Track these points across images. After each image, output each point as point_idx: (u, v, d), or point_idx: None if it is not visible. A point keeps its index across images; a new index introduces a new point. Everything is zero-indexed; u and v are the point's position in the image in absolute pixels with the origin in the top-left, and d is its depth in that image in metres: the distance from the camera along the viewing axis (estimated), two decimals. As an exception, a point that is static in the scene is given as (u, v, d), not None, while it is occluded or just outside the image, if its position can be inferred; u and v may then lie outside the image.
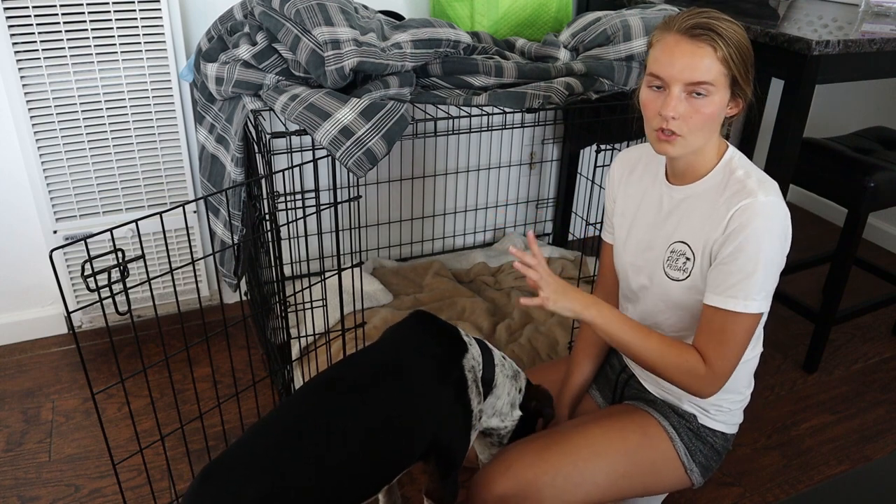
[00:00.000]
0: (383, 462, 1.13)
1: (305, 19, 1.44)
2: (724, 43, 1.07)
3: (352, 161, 1.37)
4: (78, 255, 1.96)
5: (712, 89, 1.09)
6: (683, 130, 1.12)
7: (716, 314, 1.14)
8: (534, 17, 1.97)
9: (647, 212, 1.30)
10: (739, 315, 1.12)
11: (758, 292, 1.11)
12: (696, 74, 1.08)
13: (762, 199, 1.11)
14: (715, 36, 1.07)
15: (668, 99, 1.11)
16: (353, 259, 2.39)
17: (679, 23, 1.10)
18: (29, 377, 1.99)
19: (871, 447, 1.83)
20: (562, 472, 1.25)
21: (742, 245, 1.10)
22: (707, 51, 1.08)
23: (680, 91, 1.10)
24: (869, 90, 2.83)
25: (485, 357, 1.29)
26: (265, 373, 1.99)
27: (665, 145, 1.15)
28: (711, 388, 1.16)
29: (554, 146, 2.58)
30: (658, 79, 1.12)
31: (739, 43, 1.09)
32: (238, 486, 1.00)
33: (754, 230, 1.10)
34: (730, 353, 1.14)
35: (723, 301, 1.13)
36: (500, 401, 1.31)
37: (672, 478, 1.32)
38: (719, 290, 1.13)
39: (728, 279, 1.12)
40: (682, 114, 1.11)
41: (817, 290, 2.54)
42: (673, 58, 1.09)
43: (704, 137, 1.14)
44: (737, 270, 1.11)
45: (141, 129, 1.89)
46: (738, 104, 1.15)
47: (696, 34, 1.08)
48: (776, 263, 1.12)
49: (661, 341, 1.17)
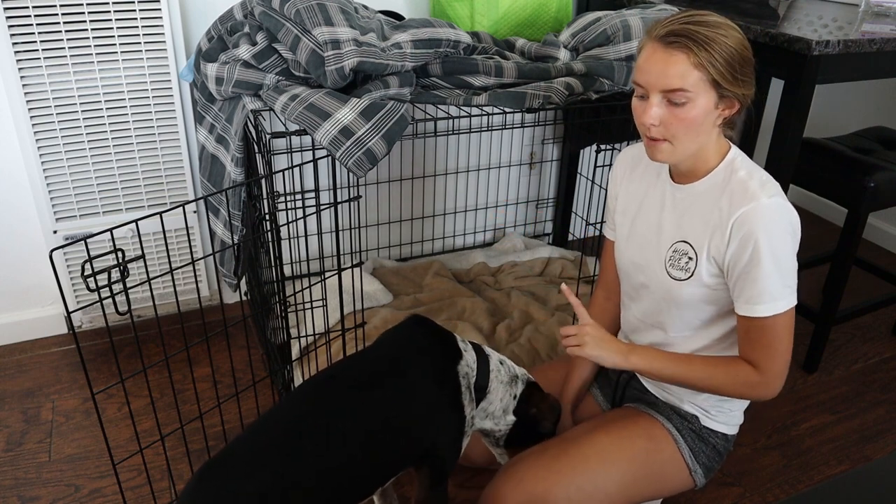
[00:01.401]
0: (381, 463, 1.13)
1: (305, 19, 1.44)
2: (698, 48, 1.07)
3: (352, 161, 1.37)
4: (78, 255, 1.96)
5: (690, 95, 1.09)
6: (667, 136, 1.13)
7: (750, 322, 1.16)
8: (534, 17, 1.97)
9: (649, 209, 1.30)
10: (772, 317, 1.14)
11: (782, 290, 1.13)
12: (669, 82, 1.09)
13: (765, 202, 1.11)
14: (689, 42, 1.07)
15: (647, 107, 1.12)
16: (353, 259, 2.39)
17: (658, 30, 1.11)
18: (29, 377, 1.99)
19: (871, 447, 1.83)
20: (574, 483, 1.25)
21: (755, 253, 1.12)
22: (679, 58, 1.08)
23: (659, 99, 1.11)
24: (869, 90, 2.83)
25: (480, 363, 1.28)
26: (265, 373, 1.99)
27: (653, 151, 1.17)
28: (772, 390, 1.19)
29: (554, 146, 2.58)
30: (639, 86, 1.13)
31: (723, 45, 1.08)
32: (236, 484, 1.00)
33: (764, 236, 1.11)
34: (777, 352, 1.16)
35: (753, 309, 1.15)
36: (492, 406, 1.30)
37: (678, 480, 1.33)
38: (747, 300, 1.15)
39: (752, 288, 1.14)
40: (663, 121, 1.12)
41: (817, 290, 2.54)
42: (649, 65, 1.11)
43: (695, 141, 1.14)
44: (757, 278, 1.13)
45: (141, 129, 1.89)
46: (732, 105, 1.13)
47: (669, 42, 1.08)
48: (791, 259, 1.14)
49: (705, 364, 1.21)
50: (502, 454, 1.38)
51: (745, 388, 1.18)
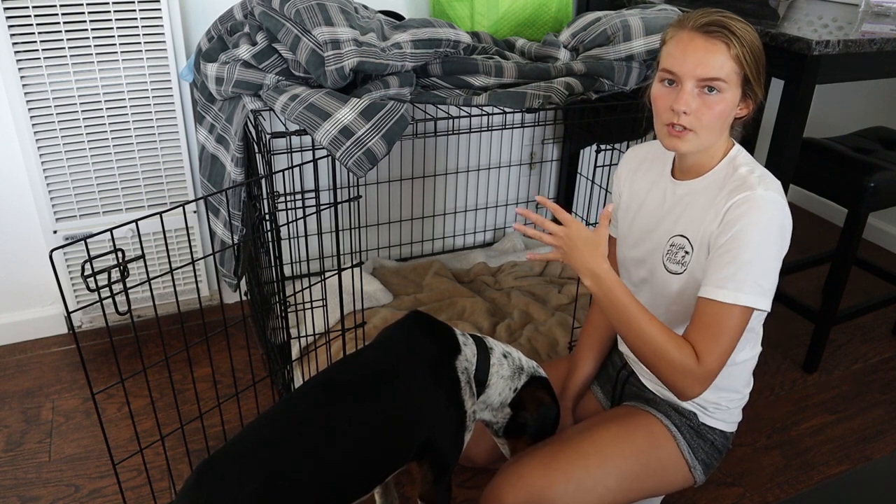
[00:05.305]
0: (380, 460, 1.13)
1: (305, 19, 1.44)
2: (737, 41, 1.09)
3: (352, 161, 1.37)
4: (78, 255, 1.96)
5: (724, 86, 1.10)
6: (695, 126, 1.13)
7: (707, 306, 1.12)
8: (534, 17, 1.97)
9: (651, 206, 1.30)
10: (730, 307, 1.10)
11: (751, 285, 1.09)
12: (709, 70, 1.09)
13: (760, 193, 1.11)
14: (729, 34, 1.09)
15: (680, 94, 1.12)
16: (353, 259, 2.39)
17: (694, 20, 1.12)
18: (29, 377, 1.99)
19: (871, 447, 1.83)
20: (574, 480, 1.25)
21: (736, 235, 1.10)
22: (720, 47, 1.09)
23: (693, 86, 1.11)
24: (869, 90, 2.83)
25: (480, 356, 1.28)
26: (265, 373, 1.99)
27: (675, 140, 1.15)
28: (698, 387, 1.12)
29: (554, 146, 2.58)
30: (671, 74, 1.13)
31: (752, 44, 1.11)
32: (235, 482, 1.01)
33: (749, 221, 1.10)
34: (719, 349, 1.10)
35: (713, 291, 1.11)
36: (490, 398, 1.31)
37: (677, 476, 1.33)
38: (711, 281, 1.12)
39: (721, 270, 1.11)
40: (693, 109, 1.12)
41: (817, 290, 2.54)
42: (686, 53, 1.10)
43: (715, 135, 1.15)
44: (729, 261, 1.10)
45: (141, 129, 1.89)
46: (748, 105, 1.15)
47: (710, 31, 1.09)
48: (771, 258, 1.11)
49: (662, 330, 1.12)
50: (503, 444, 1.39)
51: (680, 373, 1.11)
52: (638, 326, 1.12)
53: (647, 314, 1.13)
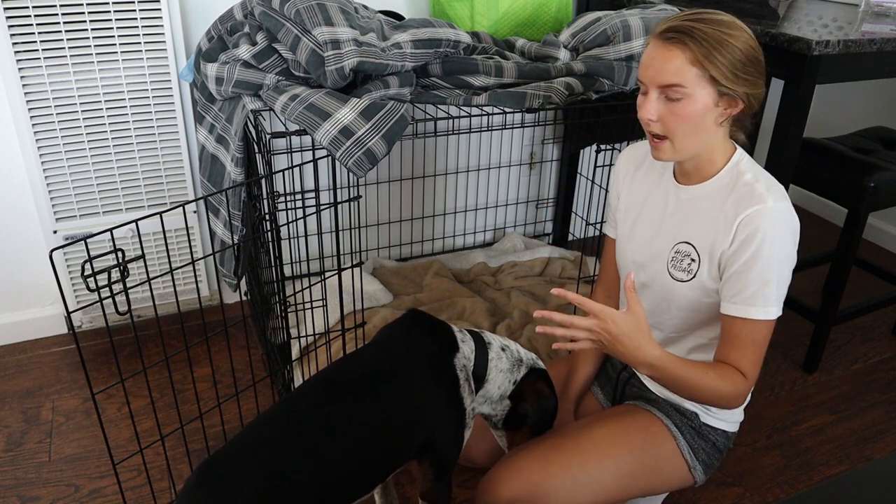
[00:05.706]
0: (380, 460, 1.14)
1: (305, 19, 1.44)
2: (695, 44, 1.07)
3: (352, 161, 1.37)
4: (78, 255, 1.96)
5: (685, 91, 1.09)
6: (667, 132, 1.14)
7: (741, 325, 1.15)
8: (534, 17, 1.97)
9: (652, 209, 1.30)
10: (761, 322, 1.14)
11: (776, 298, 1.13)
12: (665, 77, 1.10)
13: (772, 205, 1.11)
14: (686, 38, 1.08)
15: (645, 102, 1.14)
16: (353, 259, 2.39)
17: (659, 27, 1.12)
18: (29, 377, 1.99)
19: (871, 447, 1.83)
20: (569, 474, 1.25)
21: (756, 254, 1.11)
22: (675, 53, 1.09)
23: (657, 94, 1.12)
24: (869, 90, 2.83)
25: (478, 352, 1.29)
26: (265, 373, 1.99)
27: (655, 151, 1.18)
28: (745, 399, 1.19)
29: (554, 146, 2.58)
30: (642, 83, 1.15)
31: (723, 42, 1.07)
32: (236, 482, 1.01)
33: (767, 238, 1.11)
34: (758, 360, 1.17)
35: (744, 310, 1.14)
36: (490, 392, 1.32)
37: (676, 476, 1.33)
38: (739, 300, 1.14)
39: (747, 288, 1.13)
40: (660, 116, 1.13)
41: (817, 290, 2.54)
42: (648, 62, 1.13)
43: (696, 140, 1.14)
44: (754, 279, 1.12)
45: (141, 129, 1.89)
46: (735, 103, 1.13)
47: (667, 38, 1.10)
48: (789, 268, 1.14)
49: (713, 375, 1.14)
50: (501, 436, 1.39)
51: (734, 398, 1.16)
52: (692, 385, 1.15)
53: (698, 368, 1.15)
